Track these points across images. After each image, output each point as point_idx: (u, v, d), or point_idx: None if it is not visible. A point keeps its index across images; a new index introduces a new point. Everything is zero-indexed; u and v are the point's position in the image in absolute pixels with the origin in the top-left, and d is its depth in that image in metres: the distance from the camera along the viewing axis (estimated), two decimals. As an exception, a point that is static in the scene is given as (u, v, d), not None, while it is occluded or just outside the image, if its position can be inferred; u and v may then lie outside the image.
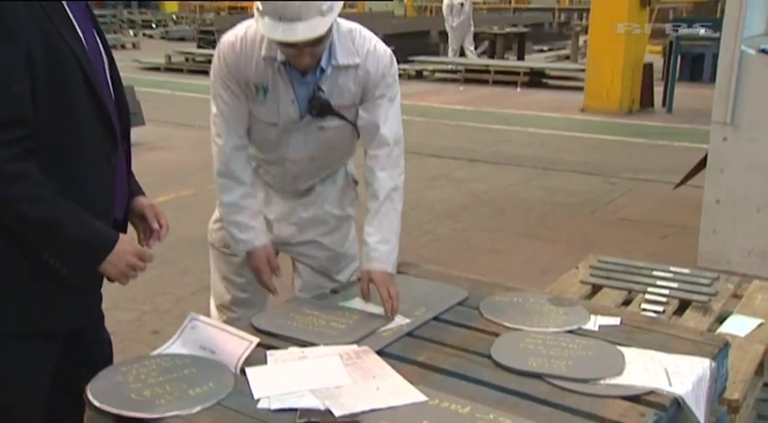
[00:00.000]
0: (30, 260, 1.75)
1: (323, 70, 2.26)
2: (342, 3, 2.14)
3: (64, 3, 1.76)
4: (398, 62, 2.41)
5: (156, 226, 1.99)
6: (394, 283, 2.24)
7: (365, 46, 2.30)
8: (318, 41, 2.11)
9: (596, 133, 9.44)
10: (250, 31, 2.27)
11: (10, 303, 1.78)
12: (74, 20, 1.78)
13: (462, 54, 15.47)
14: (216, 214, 2.60)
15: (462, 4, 14.55)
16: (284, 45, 2.13)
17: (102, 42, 1.90)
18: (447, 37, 16.05)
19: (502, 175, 7.31)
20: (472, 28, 15.53)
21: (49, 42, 1.68)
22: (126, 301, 4.13)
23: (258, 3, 2.10)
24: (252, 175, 2.43)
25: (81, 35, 1.79)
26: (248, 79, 2.28)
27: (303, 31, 2.04)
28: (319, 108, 2.29)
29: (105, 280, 1.91)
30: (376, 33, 2.44)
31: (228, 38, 2.31)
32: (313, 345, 1.98)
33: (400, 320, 2.16)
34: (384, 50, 2.33)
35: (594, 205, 6.33)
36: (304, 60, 2.17)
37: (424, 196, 6.47)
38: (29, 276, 1.77)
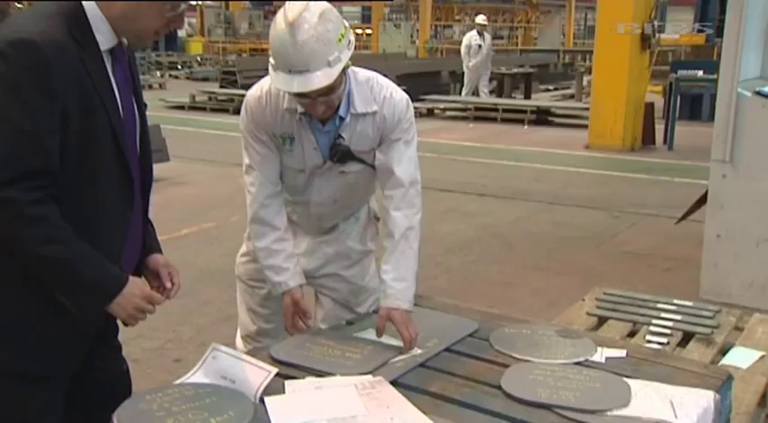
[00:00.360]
0: (38, 303, 1.75)
1: (342, 118, 2.29)
2: (350, 53, 2.15)
3: (107, 67, 1.79)
4: (411, 100, 2.43)
5: (168, 285, 1.98)
6: (413, 321, 2.22)
7: (382, 93, 2.32)
8: (330, 91, 2.14)
9: (600, 169, 9.44)
10: (272, 86, 2.30)
11: (20, 344, 1.78)
12: (114, 84, 1.80)
13: (476, 94, 15.47)
14: (243, 248, 2.63)
15: (480, 46, 14.58)
16: (298, 95, 2.16)
17: (138, 106, 1.92)
18: (458, 77, 16.14)
19: (510, 210, 7.30)
20: (489, 70, 15.47)
21: (87, 104, 1.71)
22: (150, 330, 4.13)
23: (271, 57, 2.13)
24: (285, 220, 2.43)
25: (119, 99, 1.81)
26: (275, 130, 2.32)
27: (312, 82, 2.07)
28: (340, 155, 2.33)
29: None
30: (389, 73, 2.47)
31: (254, 92, 2.35)
32: (329, 375, 1.98)
33: (413, 351, 2.15)
34: (401, 97, 2.35)
35: (599, 239, 6.31)
36: (319, 109, 2.20)
37: (435, 230, 6.46)
38: (36, 319, 1.77)
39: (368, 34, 36.68)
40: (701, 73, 11.77)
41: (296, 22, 2.03)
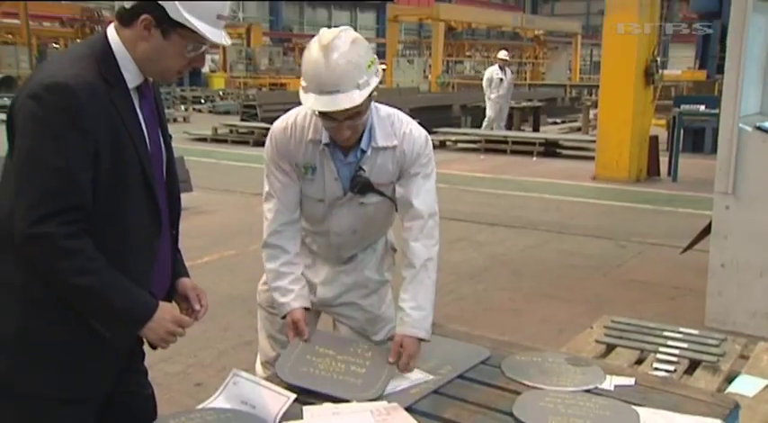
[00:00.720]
0: (72, 327, 1.78)
1: (363, 151, 2.31)
2: (378, 80, 2.19)
3: (135, 103, 1.83)
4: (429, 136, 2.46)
5: (197, 307, 2.00)
6: (419, 354, 2.22)
7: (402, 129, 2.35)
8: (356, 115, 2.17)
9: (607, 200, 9.41)
10: (299, 117, 2.34)
11: (54, 367, 1.79)
12: (141, 119, 1.84)
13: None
14: (263, 278, 2.62)
15: (501, 80, 14.62)
16: (326, 118, 2.18)
17: (164, 139, 1.96)
18: (470, 110, 16.15)
19: (520, 239, 7.28)
20: (508, 104, 15.40)
21: (116, 140, 1.75)
22: (172, 355, 4.12)
23: (302, 80, 2.17)
24: (297, 246, 2.45)
25: (146, 133, 1.85)
26: (297, 160, 2.34)
27: (342, 102, 2.10)
28: (361, 186, 2.34)
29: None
30: (403, 106, 2.49)
31: (280, 124, 2.38)
32: (342, 400, 1.97)
33: (424, 377, 2.14)
34: (419, 133, 2.38)
35: (607, 267, 6.27)
36: (344, 134, 2.22)
37: (447, 258, 6.42)
38: (70, 343, 1.79)
39: (382, 69, 36.97)
40: (702, 108, 11.79)
41: (330, 45, 2.09)
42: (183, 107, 24.00)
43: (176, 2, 1.73)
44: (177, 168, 2.07)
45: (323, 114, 2.18)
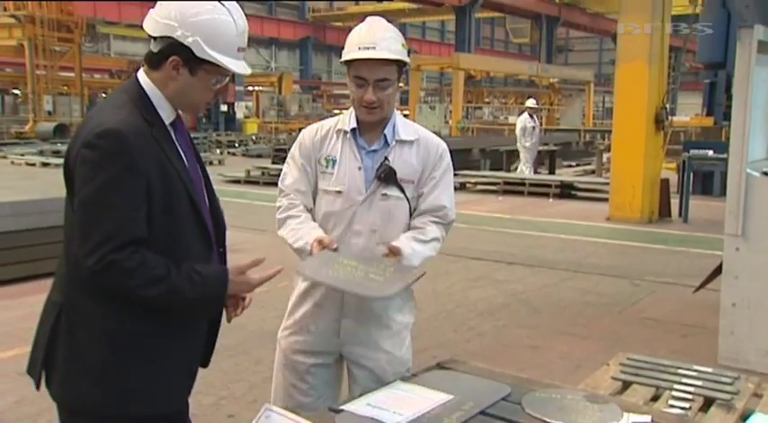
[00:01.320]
0: (147, 351, 1.84)
1: (387, 144, 2.37)
2: (408, 59, 2.34)
3: (172, 135, 1.91)
4: None
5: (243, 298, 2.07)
6: (399, 258, 2.28)
7: (420, 130, 2.48)
8: (385, 81, 2.29)
9: (621, 240, 9.34)
10: (329, 121, 2.47)
11: (122, 386, 1.84)
12: (180, 149, 1.92)
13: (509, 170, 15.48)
14: (284, 322, 2.56)
15: (534, 128, 14.67)
16: (357, 82, 2.30)
17: (199, 164, 2.04)
18: (488, 154, 16.17)
19: (537, 277, 7.23)
20: (536, 150, 15.48)
21: (163, 171, 1.83)
22: (206, 387, 4.13)
23: (344, 52, 2.33)
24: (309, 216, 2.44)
25: (185, 161, 1.92)
26: (320, 154, 2.40)
27: (376, 53, 2.24)
28: (386, 173, 2.34)
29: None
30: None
31: (310, 126, 2.51)
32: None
33: (445, 397, 2.14)
34: (440, 140, 2.50)
35: (621, 305, 6.20)
36: (371, 97, 2.29)
37: (467, 296, 6.42)
38: (147, 366, 1.85)
39: (405, 115, 37.28)
40: (711, 152, 11.73)
41: (373, 18, 2.34)
42: (218, 151, 24.30)
43: (201, 41, 1.82)
44: None
45: (357, 77, 2.29)
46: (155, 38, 1.87)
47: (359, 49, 2.26)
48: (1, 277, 6.45)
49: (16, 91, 35.34)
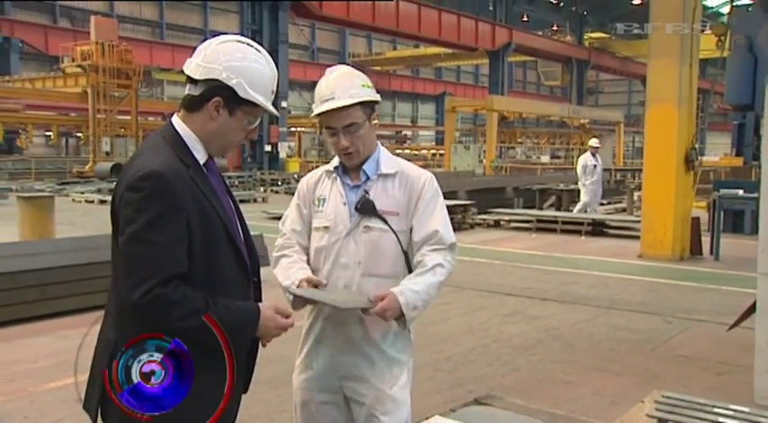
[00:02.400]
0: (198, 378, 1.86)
1: (369, 178, 2.40)
2: (372, 97, 2.35)
3: (207, 174, 1.99)
4: (478, 214, 2.51)
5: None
6: (392, 313, 2.22)
7: (404, 164, 2.47)
8: (353, 125, 2.32)
9: (653, 277, 9.16)
10: (324, 167, 2.52)
11: (180, 419, 1.85)
12: (214, 186, 2.00)
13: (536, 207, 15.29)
14: (296, 360, 2.51)
15: (595, 166, 14.53)
16: (328, 131, 2.36)
17: (232, 200, 2.11)
18: (521, 192, 16.05)
19: (570, 313, 7.11)
20: (601, 188, 15.15)
21: (201, 208, 1.90)
22: (250, 418, 4.13)
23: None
24: (303, 258, 2.46)
25: (220, 198, 2.00)
26: (314, 195, 2.46)
27: (333, 103, 2.29)
28: (363, 204, 2.36)
29: None
30: (459, 188, 2.56)
31: (312, 171, 2.60)
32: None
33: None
34: (423, 170, 2.48)
35: (654, 342, 6.05)
36: (342, 143, 2.34)
37: (502, 331, 6.34)
38: (199, 393, 1.86)
39: (441, 154, 37.40)
40: (741, 192, 11.52)
41: (330, 70, 2.39)
42: (262, 189, 24.60)
43: (244, 82, 1.93)
44: (257, 244, 2.20)
45: (328, 127, 2.35)
46: (195, 82, 1.97)
47: (321, 102, 2.32)
48: (62, 308, 6.56)
49: (79, 134, 36.58)
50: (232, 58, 1.95)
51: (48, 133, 38.01)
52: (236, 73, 1.94)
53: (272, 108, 2.02)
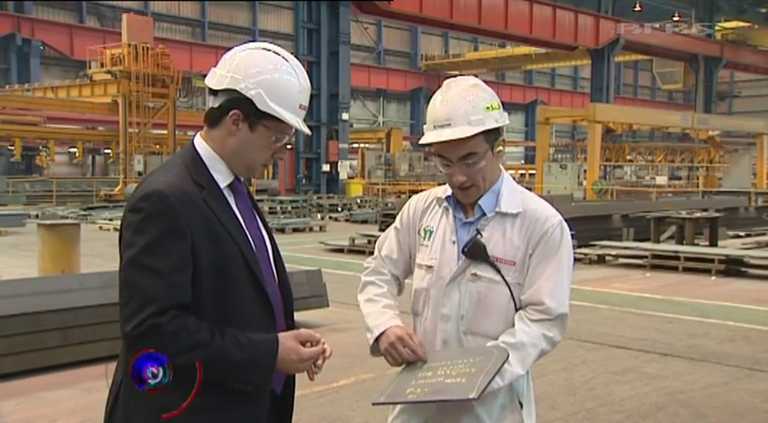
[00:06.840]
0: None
1: (484, 214, 2.32)
2: (498, 123, 2.30)
3: (231, 201, 2.07)
4: (577, 246, 2.41)
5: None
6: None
7: (531, 201, 2.37)
8: (470, 155, 2.26)
9: (807, 329, 8.73)
10: (438, 189, 2.48)
11: None
12: (239, 214, 2.07)
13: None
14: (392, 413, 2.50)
15: None
16: (442, 161, 2.32)
17: (267, 232, 2.17)
18: (632, 221, 15.68)
19: (700, 374, 6.81)
20: None
21: (213, 234, 1.97)
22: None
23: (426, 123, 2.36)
24: (394, 291, 2.50)
25: (245, 228, 2.06)
26: (421, 224, 2.44)
27: (450, 135, 2.24)
28: (473, 247, 2.29)
29: None
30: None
31: (423, 192, 2.56)
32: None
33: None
34: (553, 212, 2.36)
35: (813, 414, 5.72)
36: (458, 178, 2.29)
37: (611, 392, 6.13)
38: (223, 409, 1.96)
39: (531, 175, 37.09)
40: None
41: (450, 84, 2.33)
42: (319, 215, 24.93)
43: (264, 93, 2.01)
44: (313, 282, 2.21)
45: (439, 156, 2.31)
46: (216, 94, 2.07)
47: (434, 126, 2.28)
48: (87, 356, 6.51)
49: (107, 150, 37.94)
50: (254, 66, 2.04)
51: (72, 150, 39.71)
52: (256, 83, 2.02)
53: (297, 123, 2.07)
